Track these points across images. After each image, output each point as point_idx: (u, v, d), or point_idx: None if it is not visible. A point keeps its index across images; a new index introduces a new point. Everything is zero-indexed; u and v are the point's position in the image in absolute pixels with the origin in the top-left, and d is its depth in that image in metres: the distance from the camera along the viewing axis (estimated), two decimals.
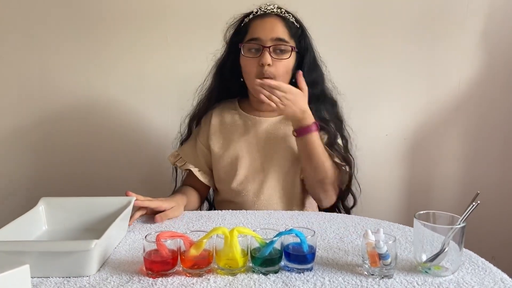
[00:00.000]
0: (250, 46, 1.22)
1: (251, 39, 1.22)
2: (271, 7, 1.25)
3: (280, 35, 1.21)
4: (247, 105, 1.35)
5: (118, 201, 1.00)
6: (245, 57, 1.23)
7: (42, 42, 1.71)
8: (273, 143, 1.29)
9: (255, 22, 1.24)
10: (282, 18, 1.24)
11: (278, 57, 1.21)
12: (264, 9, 1.26)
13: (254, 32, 1.22)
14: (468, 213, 0.80)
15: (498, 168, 1.82)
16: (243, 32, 1.25)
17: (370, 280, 0.78)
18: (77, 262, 0.77)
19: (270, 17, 1.23)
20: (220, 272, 0.80)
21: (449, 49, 1.73)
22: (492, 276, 0.80)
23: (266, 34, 1.20)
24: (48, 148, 1.79)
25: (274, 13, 1.24)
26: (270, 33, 1.20)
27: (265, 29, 1.21)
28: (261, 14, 1.25)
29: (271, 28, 1.21)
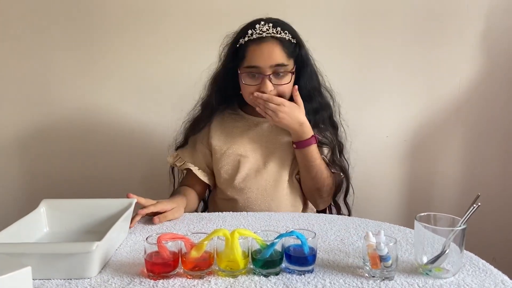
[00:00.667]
0: (249, 74, 1.23)
1: (250, 66, 1.22)
2: (266, 29, 1.21)
3: (279, 60, 1.20)
4: (248, 107, 1.35)
5: (119, 203, 1.00)
6: (245, 84, 1.24)
7: (42, 44, 1.72)
8: (275, 140, 1.31)
9: (251, 48, 1.21)
10: (279, 40, 1.21)
11: (279, 82, 1.23)
12: (259, 31, 1.21)
13: (252, 60, 1.21)
14: (469, 215, 0.80)
15: (498, 169, 1.82)
16: (240, 56, 1.23)
17: (371, 282, 0.78)
18: (78, 264, 0.77)
19: (267, 42, 1.20)
20: (221, 274, 0.80)
21: (449, 50, 1.74)
22: (493, 278, 0.80)
23: (265, 62, 1.20)
24: (49, 150, 1.79)
25: (270, 35, 1.21)
26: (269, 60, 1.19)
27: (263, 56, 1.20)
28: (257, 38, 1.21)
29: (269, 55, 1.20)
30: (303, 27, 1.31)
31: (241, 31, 1.26)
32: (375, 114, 1.78)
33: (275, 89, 1.22)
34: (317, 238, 0.93)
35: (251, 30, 1.22)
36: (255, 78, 1.23)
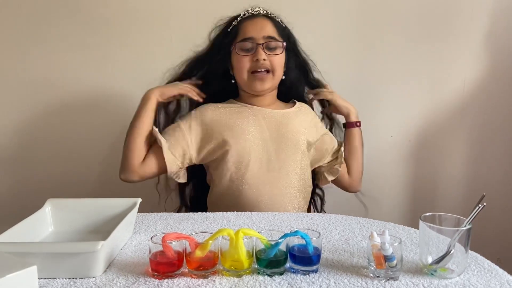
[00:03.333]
0: (243, 46, 1.29)
1: (244, 38, 1.28)
2: (258, 9, 1.33)
3: (271, 33, 1.29)
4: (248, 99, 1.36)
5: (124, 203, 1.00)
6: (239, 55, 1.28)
7: (45, 43, 1.72)
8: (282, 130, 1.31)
9: (245, 23, 1.30)
10: (270, 18, 1.32)
11: (271, 53, 1.28)
12: (251, 11, 1.33)
13: (246, 32, 1.28)
14: (474, 215, 0.79)
15: (503, 169, 1.82)
16: (233, 34, 1.31)
17: (376, 282, 0.78)
18: (83, 263, 0.78)
19: (259, 17, 1.31)
20: (225, 274, 0.80)
21: (453, 50, 1.73)
22: (498, 278, 0.79)
23: (257, 33, 1.27)
24: (53, 149, 1.79)
25: (262, 14, 1.33)
26: (261, 31, 1.28)
27: (256, 28, 1.28)
28: (250, 15, 1.32)
29: (262, 27, 1.28)
30: (306, 26, 1.32)
31: (234, 16, 1.35)
32: (379, 114, 1.78)
33: (268, 60, 1.27)
34: (322, 238, 0.92)
35: (244, 11, 1.34)
36: (248, 50, 1.28)
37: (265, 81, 1.29)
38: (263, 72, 1.28)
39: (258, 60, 1.26)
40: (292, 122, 1.32)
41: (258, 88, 1.30)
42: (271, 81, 1.31)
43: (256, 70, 1.28)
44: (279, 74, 1.32)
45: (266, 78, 1.29)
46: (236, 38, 1.30)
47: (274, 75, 1.31)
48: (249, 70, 1.29)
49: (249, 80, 1.30)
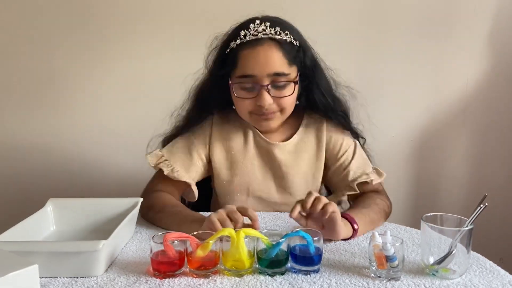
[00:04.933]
0: (242, 85, 1.05)
1: (243, 76, 1.03)
2: (262, 29, 1.02)
3: (278, 68, 1.02)
4: None
5: (125, 202, 1.00)
6: (238, 97, 1.06)
7: (46, 43, 1.72)
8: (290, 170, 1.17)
9: (245, 52, 1.02)
10: (278, 42, 1.03)
11: (279, 94, 1.04)
12: (254, 32, 1.02)
13: (246, 67, 1.02)
14: (476, 215, 0.79)
15: (506, 169, 1.81)
16: (230, 63, 1.05)
17: (377, 282, 0.78)
18: (85, 262, 0.78)
19: (263, 45, 1.02)
20: (226, 273, 0.80)
21: (456, 49, 1.73)
22: (500, 278, 0.79)
23: (261, 70, 1.01)
24: (55, 149, 1.80)
25: (267, 36, 1.02)
26: (266, 68, 1.01)
27: (258, 62, 1.01)
28: (251, 40, 1.02)
29: (266, 61, 1.01)
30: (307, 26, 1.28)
31: (232, 32, 1.07)
32: (381, 114, 1.77)
33: (275, 102, 1.05)
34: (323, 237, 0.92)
35: (244, 31, 1.03)
36: (250, 90, 1.05)
37: (272, 121, 1.09)
38: (268, 114, 1.07)
39: (262, 106, 1.04)
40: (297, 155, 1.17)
41: (263, 128, 1.12)
42: (280, 119, 1.10)
43: (260, 114, 1.07)
44: (289, 110, 1.10)
45: (273, 118, 1.08)
46: (235, 70, 1.04)
47: (283, 113, 1.10)
48: (251, 112, 1.08)
49: (252, 120, 1.10)
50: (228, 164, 1.18)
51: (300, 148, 1.18)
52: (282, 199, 1.19)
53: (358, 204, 1.05)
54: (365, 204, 1.05)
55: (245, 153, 1.17)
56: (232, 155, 1.18)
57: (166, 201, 1.08)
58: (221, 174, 1.19)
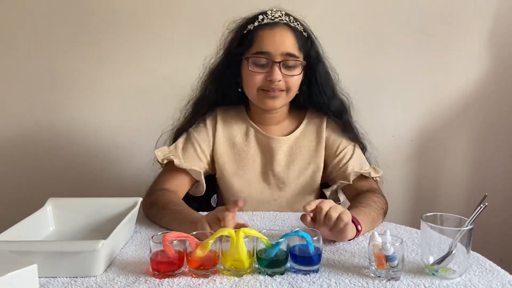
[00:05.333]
0: (257, 61, 1.13)
1: (259, 52, 1.12)
2: (279, 15, 1.14)
3: (290, 49, 1.12)
4: (255, 115, 1.25)
5: (124, 202, 1.00)
6: (251, 71, 1.13)
7: (46, 42, 1.72)
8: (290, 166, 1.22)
9: (262, 32, 1.13)
10: (291, 28, 1.14)
11: (288, 73, 1.13)
12: (271, 17, 1.14)
13: (262, 45, 1.12)
14: (476, 215, 0.79)
15: (505, 169, 1.81)
16: (247, 42, 1.14)
17: (377, 282, 0.77)
18: (84, 262, 0.78)
19: (279, 28, 1.13)
20: (226, 273, 0.80)
21: (456, 49, 1.73)
22: (500, 278, 0.79)
23: (275, 48, 1.11)
24: (55, 148, 1.80)
25: (283, 22, 1.14)
26: (280, 46, 1.11)
27: (274, 42, 1.11)
28: (269, 23, 1.13)
29: (281, 41, 1.12)
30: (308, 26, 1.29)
31: (250, 17, 1.17)
32: (381, 114, 1.77)
33: (283, 80, 1.13)
34: (327, 238, 0.92)
35: (262, 15, 1.15)
36: (262, 66, 1.13)
37: (277, 99, 1.16)
38: (275, 91, 1.14)
39: (272, 81, 1.12)
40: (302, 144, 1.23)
41: (268, 106, 1.17)
42: (284, 99, 1.17)
43: (268, 90, 1.14)
44: (294, 92, 1.17)
45: (279, 96, 1.15)
46: (250, 48, 1.13)
47: (288, 94, 1.17)
48: (260, 87, 1.15)
49: (259, 96, 1.16)
50: (232, 160, 1.23)
51: (300, 144, 1.23)
52: (280, 194, 1.23)
53: (357, 204, 1.06)
54: (364, 203, 1.06)
55: (247, 150, 1.23)
56: (235, 152, 1.23)
57: (170, 198, 1.11)
58: (225, 170, 1.22)
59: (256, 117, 1.25)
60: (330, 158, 1.23)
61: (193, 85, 1.27)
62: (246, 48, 1.15)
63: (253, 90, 1.16)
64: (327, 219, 0.89)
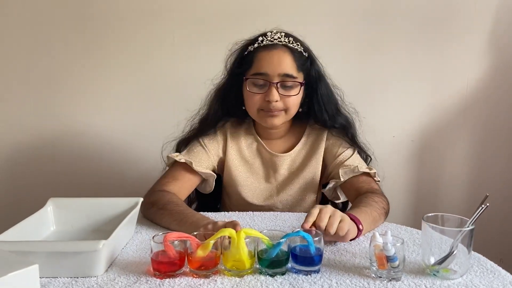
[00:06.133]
0: (255, 81, 1.16)
1: (257, 73, 1.15)
2: (278, 36, 1.17)
3: (288, 70, 1.14)
4: (262, 130, 1.28)
5: (125, 202, 1.00)
6: (250, 92, 1.17)
7: (46, 43, 1.72)
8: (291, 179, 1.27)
9: (261, 54, 1.16)
10: (290, 49, 1.16)
11: (286, 93, 1.15)
12: (270, 38, 1.17)
13: (260, 66, 1.15)
14: (477, 215, 0.79)
15: (506, 169, 1.81)
16: (247, 63, 1.18)
17: (378, 282, 0.77)
18: (85, 262, 0.78)
19: (277, 50, 1.15)
20: (227, 274, 0.80)
21: (456, 49, 1.73)
22: (501, 279, 0.79)
23: (273, 69, 1.14)
24: (56, 149, 1.80)
25: (282, 43, 1.16)
26: (278, 68, 1.14)
27: (272, 63, 1.14)
28: (268, 44, 1.16)
29: (279, 62, 1.14)
30: (308, 26, 1.29)
31: (250, 39, 1.21)
32: (382, 114, 1.77)
33: (282, 101, 1.15)
34: (329, 239, 0.92)
35: (262, 37, 1.18)
36: (260, 87, 1.16)
37: (277, 118, 1.18)
38: (274, 112, 1.17)
39: (270, 101, 1.14)
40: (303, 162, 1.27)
41: (268, 124, 1.19)
42: (283, 118, 1.20)
43: (267, 110, 1.17)
44: (293, 112, 1.20)
45: (278, 115, 1.18)
46: (249, 69, 1.17)
47: (287, 113, 1.19)
48: (259, 108, 1.18)
49: (260, 116, 1.19)
50: (241, 171, 1.27)
51: (301, 155, 1.28)
52: (282, 200, 1.28)
53: (358, 204, 1.06)
54: (365, 203, 1.06)
55: (254, 163, 1.28)
56: (243, 164, 1.28)
57: (170, 199, 1.11)
58: (235, 180, 1.27)
59: (260, 132, 1.29)
60: (330, 159, 1.26)
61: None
62: (245, 69, 1.18)
63: (253, 110, 1.20)
64: (327, 233, 0.88)
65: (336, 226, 0.88)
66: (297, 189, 1.27)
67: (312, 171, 1.26)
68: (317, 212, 0.90)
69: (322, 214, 0.89)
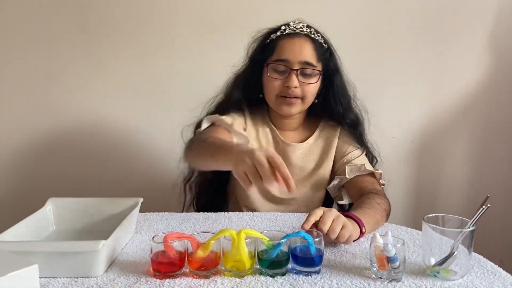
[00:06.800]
0: (276, 67, 1.19)
1: (279, 59, 1.18)
2: (300, 26, 1.21)
3: (309, 58, 1.18)
4: (277, 120, 1.30)
5: (125, 202, 1.00)
6: (270, 77, 1.20)
7: (46, 42, 1.72)
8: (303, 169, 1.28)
9: (283, 41, 1.20)
10: (311, 39, 1.20)
11: (305, 81, 1.18)
12: (293, 27, 1.21)
13: (282, 53, 1.18)
14: (478, 216, 0.79)
15: (506, 170, 1.81)
16: (269, 50, 1.21)
17: (378, 283, 0.77)
18: (84, 262, 0.77)
19: (299, 38, 1.19)
20: (227, 274, 0.80)
21: (457, 50, 1.73)
22: (502, 280, 0.79)
23: (294, 56, 1.17)
24: (56, 149, 1.79)
25: (304, 33, 1.20)
26: (299, 55, 1.17)
27: (293, 50, 1.18)
28: (290, 33, 1.20)
29: (300, 50, 1.18)
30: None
31: (273, 28, 1.24)
32: (381, 115, 1.77)
33: (300, 88, 1.18)
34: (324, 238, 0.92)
35: (285, 26, 1.22)
36: (281, 73, 1.19)
37: (293, 106, 1.21)
38: (292, 98, 1.20)
39: (289, 87, 1.17)
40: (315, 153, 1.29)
41: (285, 111, 1.22)
42: (300, 106, 1.23)
43: (285, 96, 1.20)
44: (309, 101, 1.23)
45: (295, 104, 1.21)
46: (271, 55, 1.20)
47: (304, 102, 1.22)
48: (277, 94, 1.21)
49: (277, 102, 1.22)
50: None
51: (312, 150, 1.30)
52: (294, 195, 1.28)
53: (361, 204, 1.06)
54: (369, 204, 1.06)
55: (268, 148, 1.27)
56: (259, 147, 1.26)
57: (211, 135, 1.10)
58: None
59: (275, 121, 1.31)
60: (339, 157, 1.29)
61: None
62: (267, 56, 1.21)
63: (272, 96, 1.22)
64: (327, 237, 0.88)
65: (337, 231, 0.88)
66: (309, 186, 1.29)
67: (324, 169, 1.28)
68: (320, 213, 0.89)
69: (326, 217, 0.88)
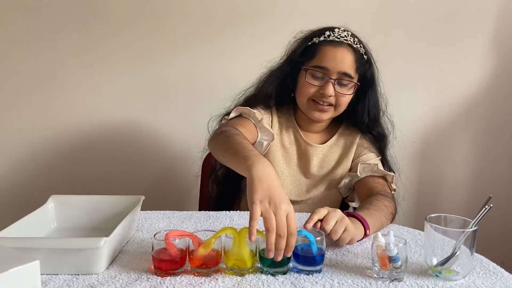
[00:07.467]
0: (314, 73, 1.18)
1: (318, 66, 1.17)
2: (345, 35, 1.19)
3: (348, 69, 1.17)
4: (302, 121, 1.29)
5: (127, 200, 1.00)
6: (307, 82, 1.19)
7: (49, 42, 1.72)
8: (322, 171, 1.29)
9: (325, 48, 1.18)
10: (353, 49, 1.19)
11: (341, 91, 1.18)
12: (337, 35, 1.19)
13: (322, 60, 1.17)
14: (481, 216, 0.79)
15: (508, 171, 1.81)
16: (309, 54, 1.20)
17: (380, 283, 0.77)
18: (86, 259, 0.78)
19: (342, 47, 1.17)
20: (228, 272, 0.80)
21: (459, 51, 1.72)
22: (504, 281, 0.79)
23: (334, 65, 1.16)
24: (58, 147, 1.80)
25: (347, 42, 1.18)
26: (339, 65, 1.16)
27: (335, 59, 1.16)
28: (334, 40, 1.18)
29: (341, 60, 1.16)
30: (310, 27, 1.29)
31: (317, 30, 1.23)
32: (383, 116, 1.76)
33: (335, 96, 1.18)
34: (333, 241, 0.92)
35: (329, 32, 1.20)
36: (318, 79, 1.18)
37: (325, 113, 1.21)
38: (325, 106, 1.19)
39: (324, 95, 1.17)
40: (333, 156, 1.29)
41: (316, 117, 1.21)
42: (332, 113, 1.22)
43: (318, 101, 1.19)
44: (342, 109, 1.22)
45: (328, 111, 1.21)
46: (311, 60, 1.19)
47: (336, 110, 1.22)
48: (310, 98, 1.20)
49: (309, 106, 1.21)
50: (279, 157, 1.27)
51: (332, 152, 1.30)
52: (310, 195, 1.29)
53: (368, 205, 1.05)
54: (376, 206, 1.05)
55: (291, 151, 1.29)
56: (283, 150, 1.29)
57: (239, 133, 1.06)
58: (272, 160, 1.25)
59: (300, 122, 1.30)
60: (354, 159, 1.29)
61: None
62: (307, 59, 1.20)
63: (304, 100, 1.21)
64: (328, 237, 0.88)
65: (339, 234, 0.88)
66: (325, 188, 1.29)
67: (341, 172, 1.28)
68: (324, 212, 0.89)
69: (329, 218, 0.88)
